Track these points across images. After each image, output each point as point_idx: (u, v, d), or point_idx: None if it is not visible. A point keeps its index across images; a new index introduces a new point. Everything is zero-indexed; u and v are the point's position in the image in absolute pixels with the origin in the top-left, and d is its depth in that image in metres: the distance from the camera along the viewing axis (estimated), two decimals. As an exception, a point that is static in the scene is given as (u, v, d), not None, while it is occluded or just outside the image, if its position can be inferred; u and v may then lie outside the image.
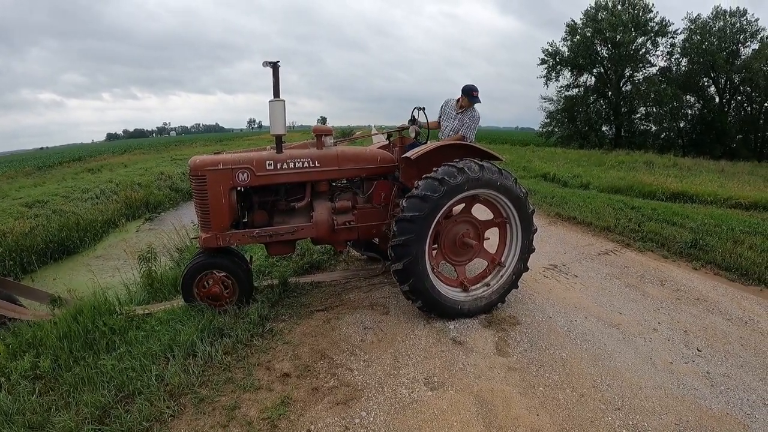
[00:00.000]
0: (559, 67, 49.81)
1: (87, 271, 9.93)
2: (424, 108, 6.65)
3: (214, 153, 5.90)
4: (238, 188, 5.85)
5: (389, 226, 5.89)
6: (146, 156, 43.06)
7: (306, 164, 5.85)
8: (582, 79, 50.61)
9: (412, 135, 6.74)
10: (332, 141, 6.37)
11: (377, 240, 7.18)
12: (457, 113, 6.79)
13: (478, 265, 6.35)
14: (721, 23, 44.00)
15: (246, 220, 6.06)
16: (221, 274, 5.76)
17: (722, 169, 24.41)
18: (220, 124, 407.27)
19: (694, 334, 5.46)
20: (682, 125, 48.57)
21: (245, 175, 5.58)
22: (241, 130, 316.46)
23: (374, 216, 6.27)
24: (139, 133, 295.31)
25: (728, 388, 4.40)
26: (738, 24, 43.51)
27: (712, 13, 44.78)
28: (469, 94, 6.63)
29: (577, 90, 51.03)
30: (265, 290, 6.39)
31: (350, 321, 5.67)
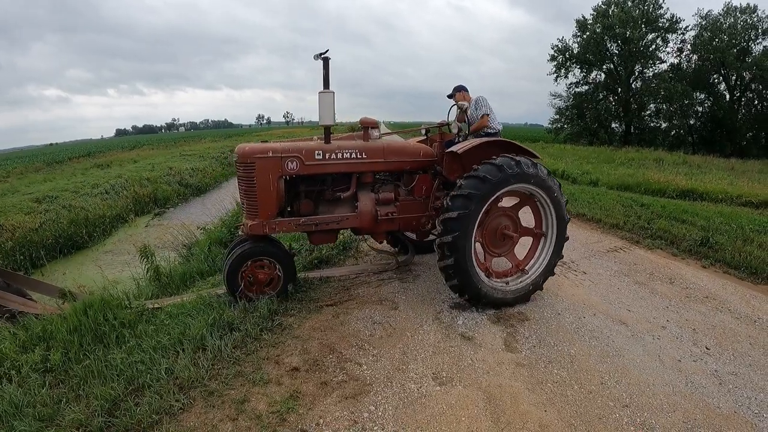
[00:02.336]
0: (568, 63, 49.58)
1: (96, 266, 9.99)
2: (467, 109, 6.92)
3: (261, 141, 6.01)
4: (286, 177, 5.92)
5: (429, 219, 6.41)
6: (155, 152, 43.22)
7: (353, 155, 5.99)
8: (592, 75, 50.40)
9: (455, 131, 6.96)
10: (378, 133, 6.52)
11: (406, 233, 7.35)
12: (459, 107, 7.07)
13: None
14: (732, 20, 43.55)
15: (289, 208, 6.18)
16: (267, 261, 5.88)
17: (732, 166, 24.27)
18: (229, 120, 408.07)
19: (703, 333, 5.45)
20: (692, 122, 48.23)
21: (294, 163, 5.70)
22: (250, 126, 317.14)
23: (415, 208, 6.45)
24: (148, 129, 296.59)
25: (736, 387, 4.39)
26: (749, 21, 43.10)
27: (722, 10, 44.46)
28: (452, 96, 7.22)
29: (586, 86, 50.81)
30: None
31: (359, 316, 5.68)
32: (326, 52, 5.54)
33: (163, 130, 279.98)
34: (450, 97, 7.26)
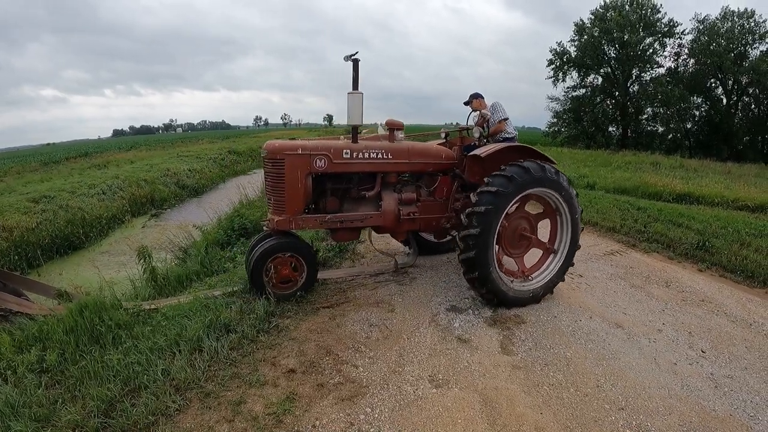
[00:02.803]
0: (566, 67, 49.69)
1: (93, 267, 9.98)
2: (489, 116, 7.08)
3: (290, 139, 6.19)
4: (314, 174, 6.00)
5: (448, 220, 6.64)
6: (153, 152, 43.10)
7: (379, 155, 6.17)
8: (589, 79, 50.52)
9: (476, 135, 6.97)
10: (402, 135, 6.73)
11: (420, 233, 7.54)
12: (482, 116, 7.21)
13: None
14: (729, 24, 43.77)
15: (312, 205, 6.34)
16: (289, 256, 6.01)
17: (729, 170, 24.35)
18: (227, 121, 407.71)
19: (699, 336, 5.47)
20: (689, 126, 48.45)
21: (323, 161, 5.87)
22: (248, 127, 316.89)
23: (436, 209, 6.66)
24: (146, 130, 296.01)
25: (732, 390, 4.41)
26: (746, 25, 43.28)
27: (720, 14, 44.62)
28: (469, 103, 7.39)
29: (584, 90, 50.94)
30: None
31: (356, 318, 5.68)
32: (356, 54, 5.72)
33: (160, 131, 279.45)
34: (467, 104, 7.44)
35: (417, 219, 6.46)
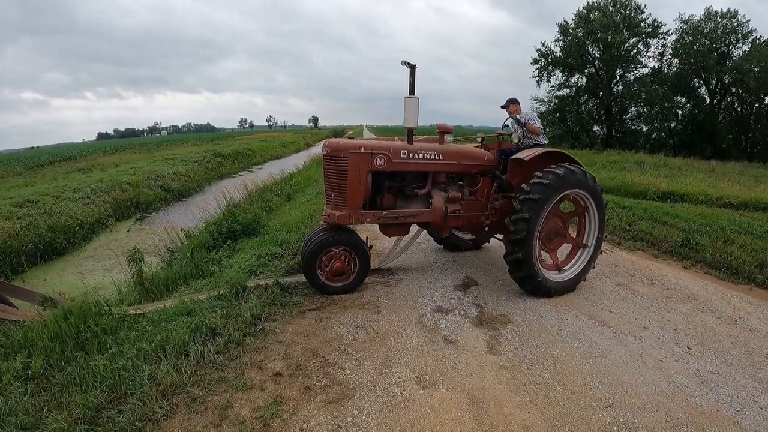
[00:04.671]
0: (551, 67, 49.86)
1: (77, 272, 9.89)
2: (525, 124, 7.33)
3: (347, 138, 6.39)
4: (374, 172, 6.33)
5: (487, 218, 7.06)
6: (137, 156, 42.77)
7: (432, 156, 6.60)
8: (573, 79, 50.71)
9: (515, 140, 7.52)
10: (451, 138, 7.26)
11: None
12: (516, 120, 7.48)
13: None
14: (713, 24, 44.14)
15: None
16: (342, 250, 6.39)
17: (713, 169, 24.55)
18: (212, 124, 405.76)
19: (684, 332, 5.51)
20: (673, 125, 48.73)
21: (382, 160, 6.26)
22: (233, 129, 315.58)
23: (477, 207, 7.08)
24: (131, 133, 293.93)
25: (718, 385, 4.45)
26: (729, 25, 43.68)
27: (703, 14, 44.98)
28: (506, 107, 7.69)
29: (568, 90, 51.14)
30: (257, 290, 6.37)
31: (342, 320, 5.67)
32: (414, 65, 6.17)
33: (145, 134, 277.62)
34: (504, 107, 7.75)
35: (461, 216, 6.82)
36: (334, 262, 6.34)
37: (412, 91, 6.27)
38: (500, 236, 7.62)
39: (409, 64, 6.17)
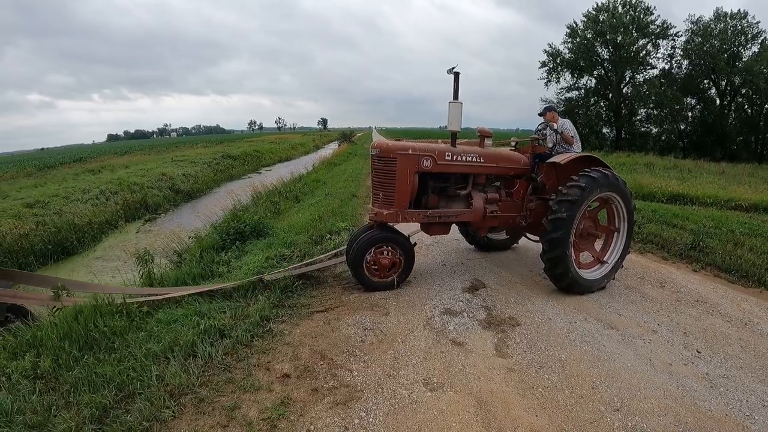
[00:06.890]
0: (559, 68, 49.72)
1: (87, 272, 9.95)
2: (557, 131, 7.70)
3: (395, 140, 6.89)
4: (420, 173, 6.60)
5: (523, 218, 7.33)
6: (147, 157, 42.97)
7: (474, 159, 6.88)
8: (582, 81, 50.55)
9: (549, 145, 7.72)
10: (491, 142, 7.54)
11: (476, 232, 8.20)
12: (553, 129, 7.79)
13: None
14: (722, 25, 43.84)
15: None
16: (390, 247, 6.66)
17: (723, 170, 24.37)
18: (221, 126, 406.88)
19: (694, 336, 5.47)
20: (682, 127, 48.50)
21: (429, 161, 6.53)
22: (242, 131, 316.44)
23: (513, 208, 7.35)
24: (140, 134, 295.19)
25: (727, 390, 4.41)
26: (738, 26, 43.41)
27: (713, 15, 44.72)
28: (543, 114, 8.03)
29: (577, 92, 50.98)
30: (265, 291, 6.38)
31: (350, 322, 5.66)
32: (456, 66, 6.46)
33: (155, 135, 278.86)
34: (540, 115, 8.10)
35: (498, 217, 7.07)
36: (381, 258, 6.59)
37: (456, 96, 6.54)
38: (533, 237, 7.78)
39: (454, 71, 6.42)
